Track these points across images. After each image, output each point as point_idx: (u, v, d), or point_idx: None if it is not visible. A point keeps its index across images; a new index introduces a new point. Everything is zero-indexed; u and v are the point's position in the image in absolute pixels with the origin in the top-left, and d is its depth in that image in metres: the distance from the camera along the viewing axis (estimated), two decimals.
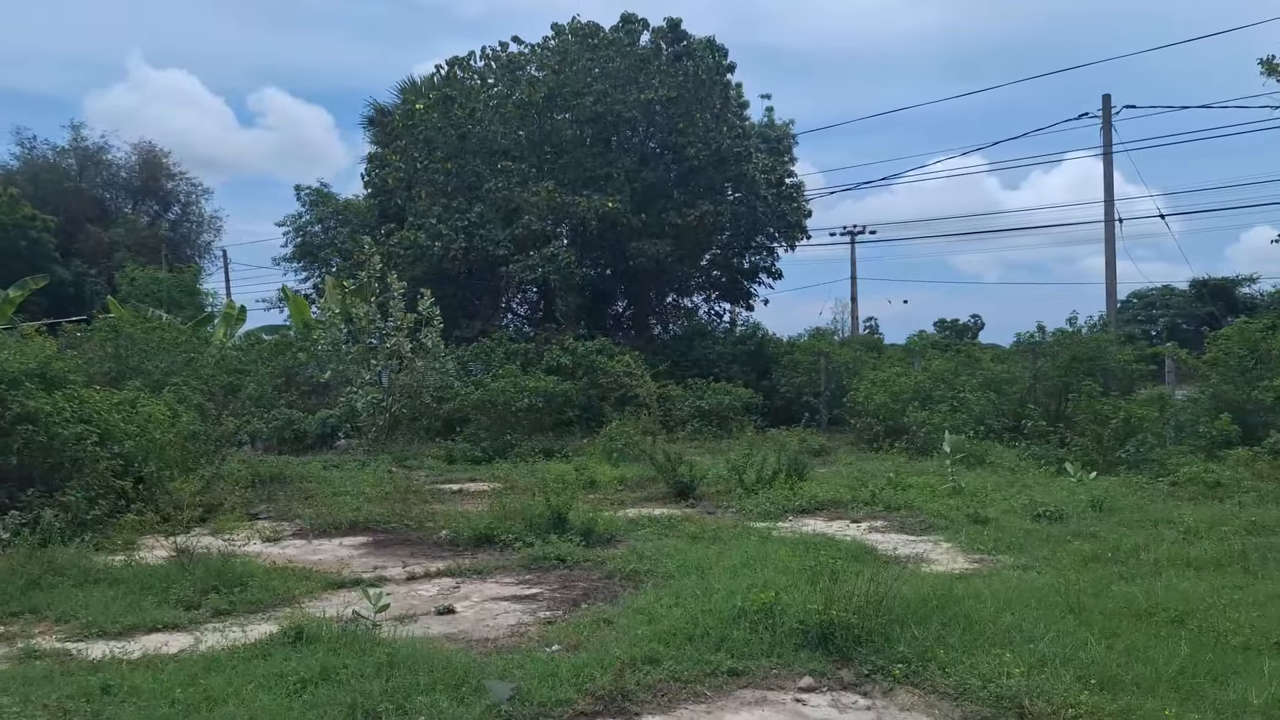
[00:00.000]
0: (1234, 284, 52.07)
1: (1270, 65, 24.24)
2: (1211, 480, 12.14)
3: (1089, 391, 16.02)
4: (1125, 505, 10.94)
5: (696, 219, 24.16)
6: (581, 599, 7.60)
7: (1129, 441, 14.37)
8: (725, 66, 25.76)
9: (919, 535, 9.94)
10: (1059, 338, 19.37)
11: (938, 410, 17.20)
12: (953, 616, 6.13)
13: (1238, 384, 16.12)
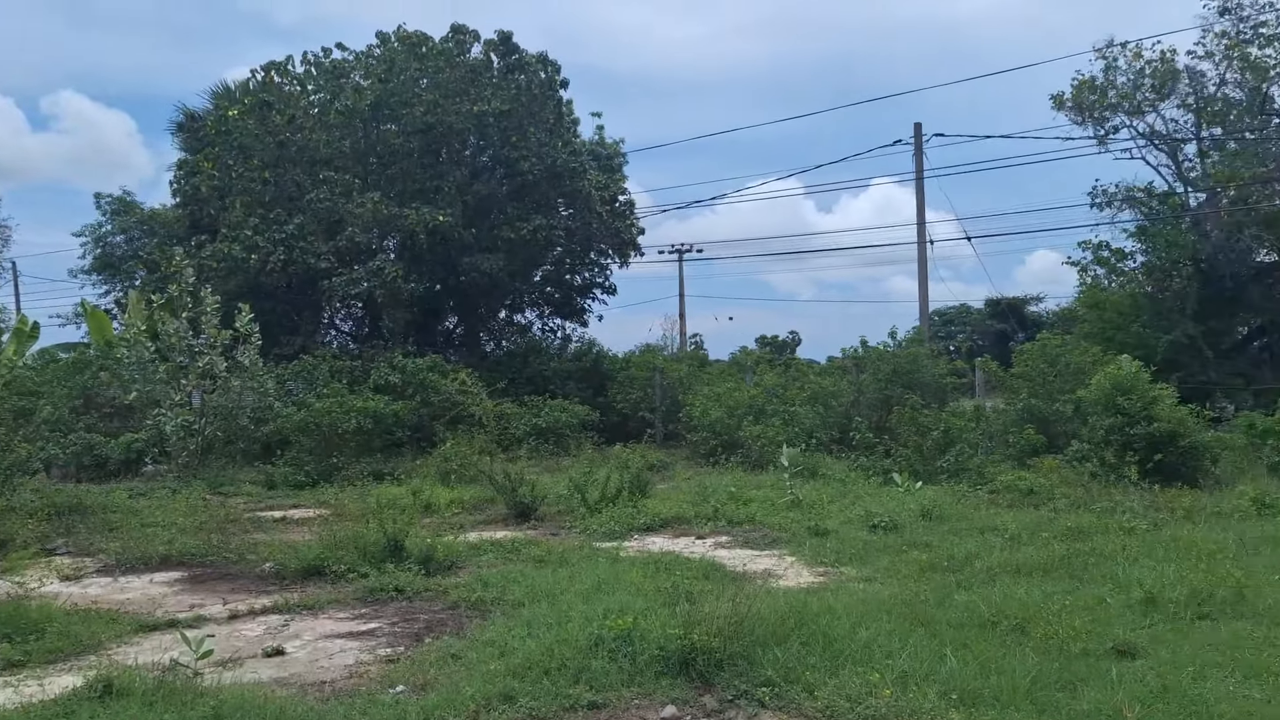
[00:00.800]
0: (1023, 303, 56.01)
1: (1060, 101, 26.26)
2: (1025, 488, 12.81)
3: (912, 404, 16.71)
4: (952, 514, 11.38)
5: (530, 234, 23.86)
6: (425, 632, 7.17)
7: (949, 451, 15.04)
8: (558, 82, 25.63)
9: (764, 550, 10.00)
10: (880, 352, 20.17)
11: (771, 424, 17.55)
12: (811, 635, 6.10)
13: (1041, 396, 17.19)
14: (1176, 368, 21.11)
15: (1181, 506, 11.36)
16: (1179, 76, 24.62)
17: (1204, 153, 25.37)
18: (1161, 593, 7.17)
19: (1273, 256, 25.17)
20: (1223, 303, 23.98)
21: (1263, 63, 23.55)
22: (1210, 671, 5.58)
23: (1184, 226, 24.38)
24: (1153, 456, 13.31)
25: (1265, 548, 9.07)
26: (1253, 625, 6.54)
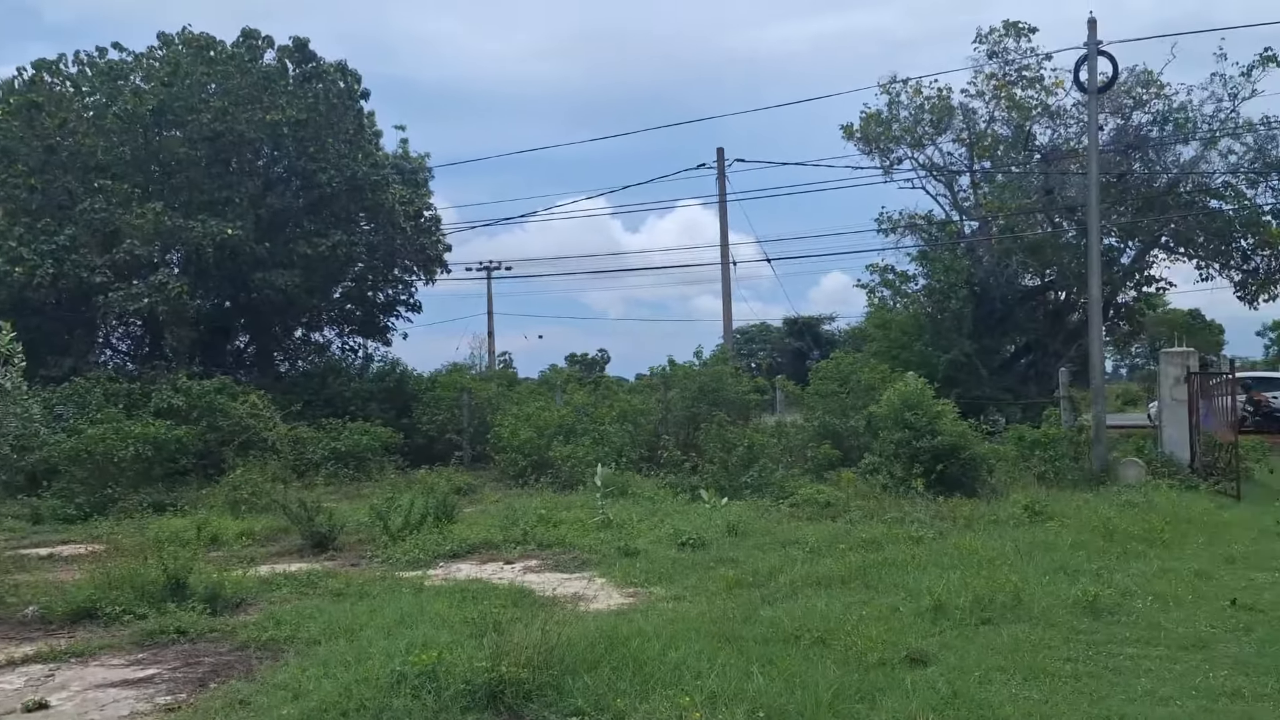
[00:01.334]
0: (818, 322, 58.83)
1: (849, 131, 27.71)
2: (823, 501, 13.33)
3: (718, 421, 17.10)
4: (757, 528, 11.68)
5: (329, 249, 22.90)
6: (210, 677, 6.63)
7: (752, 467, 15.47)
8: (359, 92, 24.80)
9: (574, 573, 9.90)
10: (686, 370, 20.57)
11: (581, 444, 17.53)
12: (622, 659, 6.04)
13: (835, 412, 18.00)
14: (955, 384, 22.62)
15: (962, 515, 12.12)
16: (954, 113, 26.48)
17: (976, 184, 27.38)
18: (948, 600, 7.56)
19: (1036, 281, 27.45)
20: (994, 323, 25.93)
21: (1026, 103, 25.67)
22: (994, 675, 5.90)
23: (960, 252, 26.20)
24: (937, 468, 14.16)
25: (1037, 553, 9.77)
26: (1029, 628, 6.99)
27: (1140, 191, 25.16)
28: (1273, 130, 24.31)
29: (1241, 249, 25.70)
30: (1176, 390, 16.88)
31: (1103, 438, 16.73)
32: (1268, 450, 19.29)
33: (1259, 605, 7.62)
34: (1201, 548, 10.29)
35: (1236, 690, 5.66)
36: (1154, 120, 24.95)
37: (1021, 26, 25.63)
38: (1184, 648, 6.53)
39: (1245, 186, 25.22)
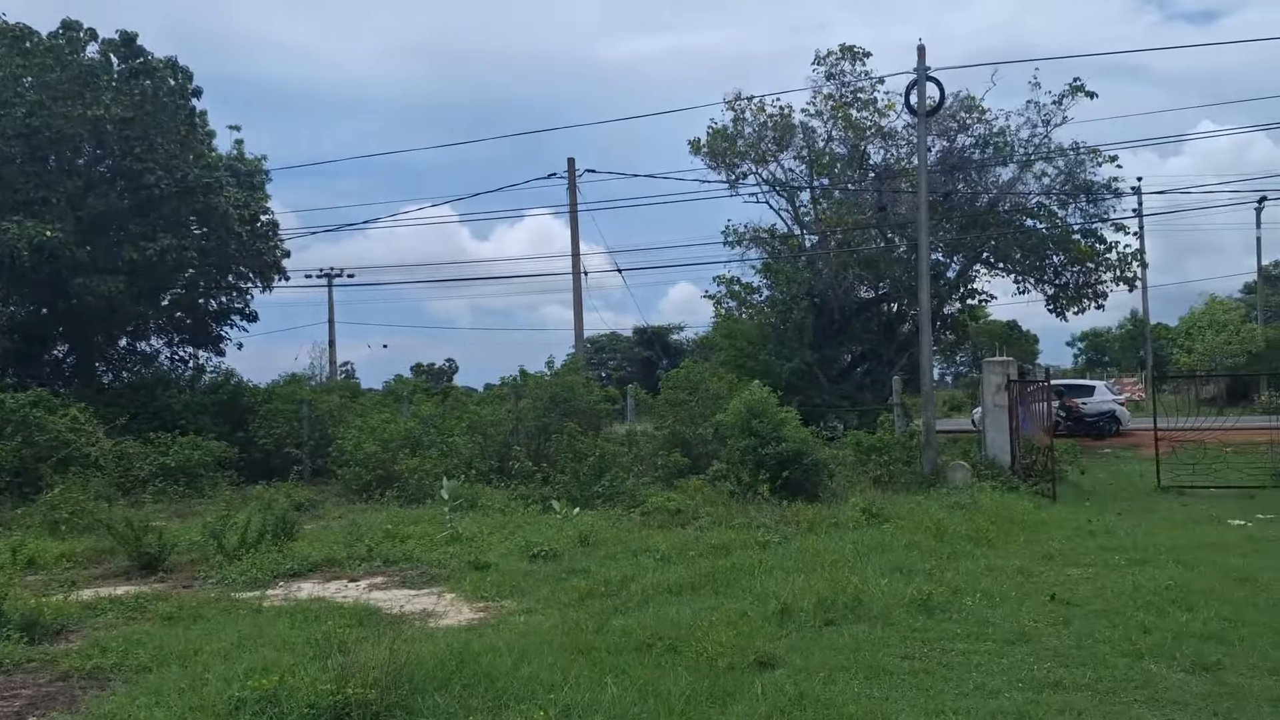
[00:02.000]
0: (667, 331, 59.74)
1: (697, 146, 28.29)
2: (674, 508, 13.50)
3: (569, 431, 17.08)
4: (608, 538, 11.71)
5: (157, 254, 21.70)
6: (28, 710, 6.16)
7: (604, 476, 15.53)
8: (190, 90, 23.63)
9: (423, 588, 9.68)
10: (538, 380, 20.46)
11: (429, 456, 17.18)
12: (474, 676, 5.96)
13: (685, 421, 18.28)
14: (797, 391, 23.38)
15: (806, 519, 12.53)
16: (795, 131, 27.44)
17: (816, 200, 28.45)
18: (794, 603, 7.80)
19: (871, 293, 28.69)
20: (833, 333, 26.96)
21: (861, 123, 26.87)
22: (838, 675, 6.12)
23: (801, 265, 27.13)
24: (781, 474, 14.58)
25: (875, 554, 10.20)
26: (869, 628, 7.28)
27: (964, 210, 26.70)
28: (1081, 155, 26.26)
29: (1054, 265, 27.60)
30: (998, 397, 17.94)
31: (933, 442, 17.61)
32: (1079, 453, 20.76)
33: (1075, 599, 8.17)
34: (1023, 546, 10.98)
35: (1058, 681, 6.04)
36: (976, 143, 26.56)
37: (857, 51, 26.82)
38: (1010, 642, 6.94)
39: (1057, 207, 27.16)
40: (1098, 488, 17.52)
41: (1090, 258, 27.00)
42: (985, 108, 26.30)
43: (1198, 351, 42.80)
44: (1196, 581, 8.73)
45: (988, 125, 26.40)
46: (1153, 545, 10.82)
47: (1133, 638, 6.91)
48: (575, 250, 27.69)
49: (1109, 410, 29.35)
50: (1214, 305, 46.71)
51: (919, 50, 18.02)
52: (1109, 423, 28.94)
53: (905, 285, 25.87)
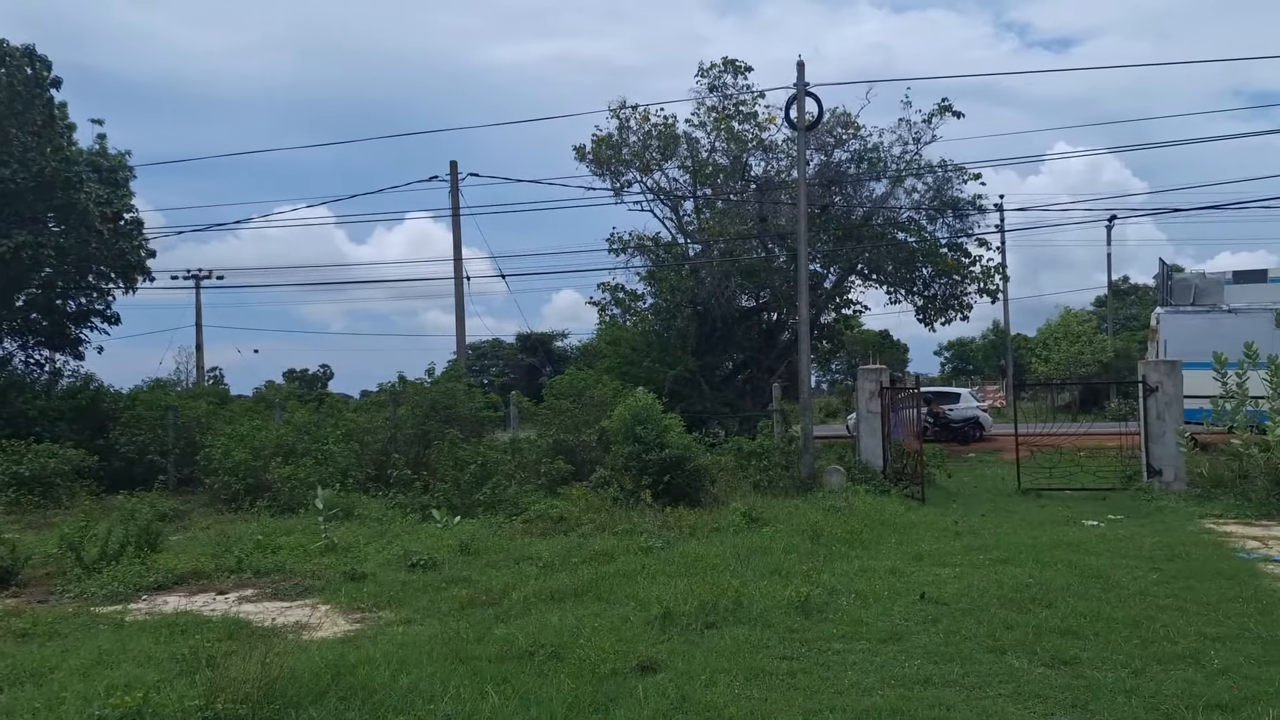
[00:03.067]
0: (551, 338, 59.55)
1: (582, 153, 28.30)
2: (557, 515, 13.47)
3: (450, 439, 16.85)
4: (490, 546, 11.60)
5: (10, 251, 20.48)
6: None
7: (486, 484, 15.37)
8: (48, 80, 22.39)
9: (296, 600, 9.38)
10: (417, 387, 20.12)
11: (303, 464, 16.69)
12: (350, 688, 5.81)
13: (569, 427, 18.27)
14: (681, 398, 23.63)
15: (688, 524, 12.67)
16: (679, 141, 27.75)
17: (699, 209, 28.81)
18: (676, 607, 7.87)
19: (753, 302, 29.23)
20: (715, 341, 27.34)
21: (743, 135, 27.37)
22: (719, 678, 6.20)
23: (685, 273, 27.44)
24: (664, 479, 14.71)
25: (755, 557, 10.38)
26: (749, 630, 7.41)
27: (841, 222, 27.45)
28: (949, 173, 27.37)
29: (923, 277, 28.65)
30: (871, 403, 18.51)
31: (810, 447, 18.06)
32: (946, 457, 21.62)
33: (943, 598, 8.48)
34: (894, 547, 11.34)
35: (928, 678, 6.25)
36: (852, 158, 27.38)
37: (739, 64, 27.31)
38: (883, 640, 7.16)
39: (926, 221, 28.20)
40: (963, 490, 18.25)
41: (956, 270, 28.13)
42: (861, 124, 27.16)
43: (1054, 361, 45.08)
44: (1055, 579, 9.17)
45: (863, 141, 27.26)
46: (1014, 545, 11.31)
47: (997, 634, 7.21)
48: (457, 255, 27.38)
49: (973, 416, 30.64)
50: (1068, 317, 49.30)
51: (798, 66, 18.48)
52: (973, 428, 30.22)
53: (785, 295, 26.44)
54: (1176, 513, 14.24)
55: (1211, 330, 21.75)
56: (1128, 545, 11.22)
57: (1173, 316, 24.69)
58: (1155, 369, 17.49)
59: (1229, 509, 14.33)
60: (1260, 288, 24.58)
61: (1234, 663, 6.42)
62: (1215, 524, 13.16)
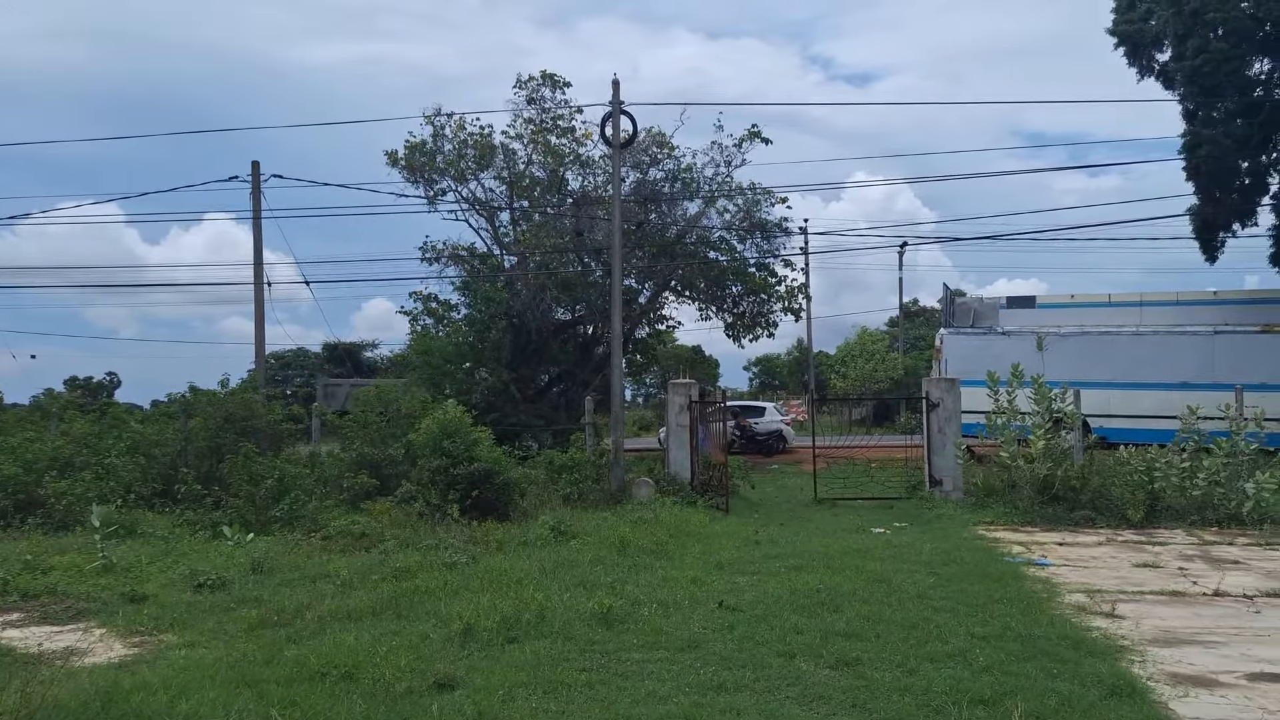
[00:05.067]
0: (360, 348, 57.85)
1: (394, 158, 27.72)
2: (358, 531, 13.06)
3: (246, 453, 16.07)
4: (285, 564, 11.13)
5: None
6: None
7: (283, 500, 14.75)
8: None
9: (67, 624, 8.71)
10: (211, 397, 19.07)
11: (81, 479, 15.50)
12: (122, 715, 5.47)
13: (374, 441, 17.76)
14: (493, 410, 23.44)
15: (495, 539, 12.58)
16: (496, 151, 27.60)
17: (515, 221, 28.74)
18: (477, 622, 7.80)
19: (568, 315, 29.38)
20: (530, 353, 27.29)
21: (560, 150, 27.53)
22: (518, 692, 6.19)
23: (500, 285, 27.27)
24: (472, 493, 14.54)
25: (561, 570, 10.43)
26: (550, 643, 7.43)
27: (655, 239, 28.05)
28: (757, 195, 28.48)
29: (732, 295, 29.66)
30: (680, 417, 18.96)
31: (621, 460, 18.30)
32: (750, 469, 22.40)
33: (741, 605, 8.78)
34: (698, 557, 11.65)
35: (722, 684, 6.46)
36: (667, 177, 28.05)
37: (557, 79, 27.49)
38: (680, 649, 7.34)
39: (736, 241, 29.24)
40: (765, 501, 18.96)
41: (763, 289, 29.27)
42: (675, 144, 27.88)
43: (851, 377, 47.57)
44: (843, 585, 9.66)
45: (677, 161, 27.97)
46: (809, 552, 11.84)
47: (787, 639, 7.54)
48: (258, 259, 26.14)
49: (777, 430, 31.87)
50: (864, 336, 52.17)
51: (614, 85, 18.79)
52: (777, 441, 31.43)
53: (601, 309, 26.72)
54: (954, 520, 15.30)
55: (987, 351, 23.51)
56: (909, 551, 11.95)
57: (954, 337, 26.55)
58: (937, 386, 18.74)
59: (999, 516, 15.52)
60: (1029, 312, 26.81)
61: (997, 659, 6.95)
62: (987, 530, 14.24)
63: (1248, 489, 14.56)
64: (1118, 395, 24.01)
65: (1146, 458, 15.58)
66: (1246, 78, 25.52)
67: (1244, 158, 26.10)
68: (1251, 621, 8.43)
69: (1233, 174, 26.43)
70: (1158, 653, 7.33)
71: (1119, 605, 8.98)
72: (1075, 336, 25.26)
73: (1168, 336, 24.94)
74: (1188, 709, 6.01)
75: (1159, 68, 27.12)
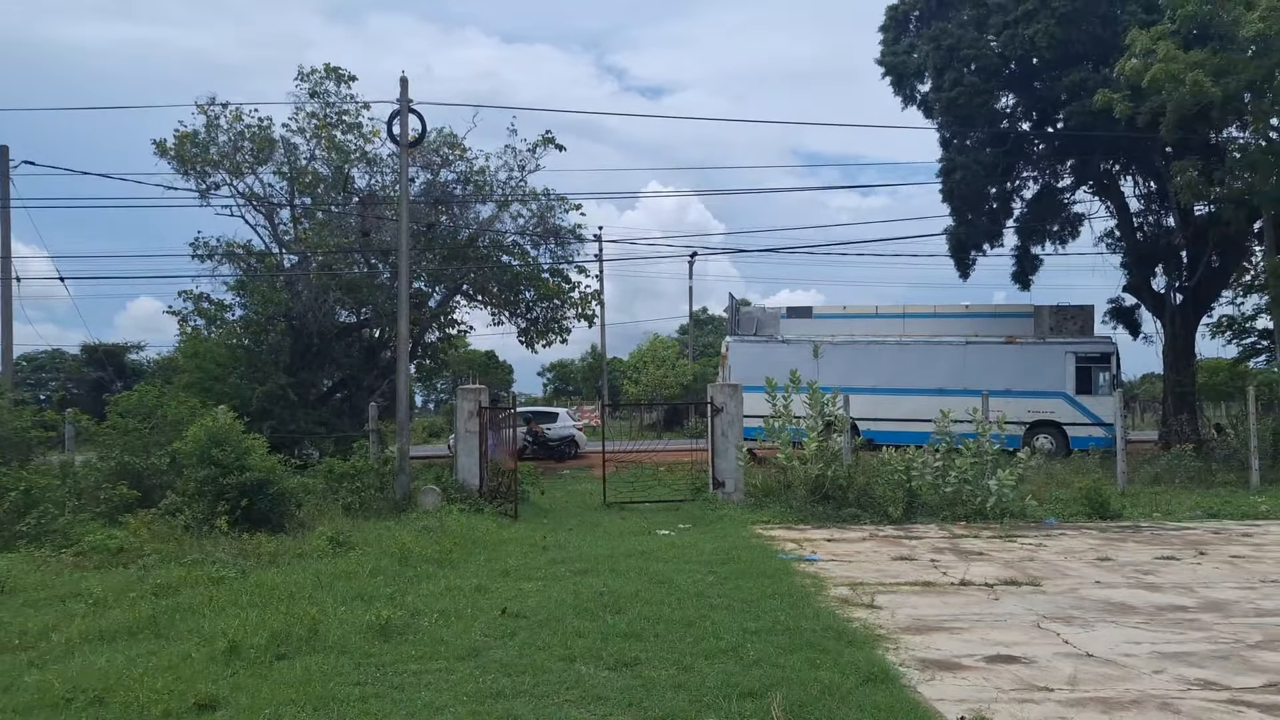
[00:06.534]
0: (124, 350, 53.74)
1: (163, 148, 25.99)
2: (115, 546, 12.15)
3: None
4: (31, 583, 10.23)
5: None
6: None
7: (30, 514, 13.53)
8: None
9: None
10: None
11: None
12: None
13: (136, 450, 16.55)
14: (270, 417, 22.35)
15: (268, 551, 12.01)
16: (276, 145, 26.32)
17: (297, 219, 27.50)
18: (244, 640, 7.43)
19: (353, 318, 28.43)
20: (311, 357, 26.19)
21: (346, 146, 26.58)
22: (285, 710, 5.94)
23: (279, 285, 26.05)
24: (243, 504, 13.81)
25: (338, 582, 10.08)
26: (323, 658, 7.17)
27: (446, 242, 27.62)
28: (551, 201, 28.59)
29: (526, 300, 29.62)
30: (470, 423, 18.74)
31: (406, 468, 17.89)
32: (540, 475, 22.45)
33: (524, 612, 8.79)
34: (483, 564, 11.56)
35: (501, 691, 6.44)
36: (459, 180, 27.69)
37: (342, 73, 26.57)
38: (460, 658, 7.26)
39: (530, 246, 29.22)
40: (555, 506, 19.04)
41: (557, 295, 29.39)
42: (467, 147, 27.54)
43: (643, 383, 48.55)
44: (626, 587, 9.85)
45: (469, 164, 27.64)
46: (595, 556, 12.00)
47: (569, 643, 7.61)
48: (5, 252, 23.84)
49: (569, 435, 32.11)
50: (656, 343, 53.38)
51: (402, 82, 18.40)
52: (569, 446, 31.66)
53: (388, 312, 26.00)
54: (734, 520, 15.92)
55: (768, 358, 24.66)
56: (691, 552, 12.33)
57: (738, 345, 27.66)
58: (721, 391, 19.44)
59: (776, 515, 16.28)
60: (807, 322, 28.31)
61: (766, 653, 7.29)
62: (764, 529, 14.90)
63: (991, 486, 15.93)
64: (884, 400, 25.73)
65: (905, 458, 16.76)
66: (995, 110, 28.03)
67: (992, 184, 28.67)
68: (991, 608, 9.24)
69: (983, 198, 28.96)
70: (910, 640, 7.91)
71: (878, 596, 9.62)
72: (847, 345, 26.89)
73: (926, 346, 26.98)
74: (932, 691, 6.51)
75: (920, 97, 29.36)
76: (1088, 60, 25.63)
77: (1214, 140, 25.15)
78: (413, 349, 27.62)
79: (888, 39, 29.64)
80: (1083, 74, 25.13)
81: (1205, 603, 9.44)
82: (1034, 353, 26.63)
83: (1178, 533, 14.49)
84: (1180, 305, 28.55)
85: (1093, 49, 25.43)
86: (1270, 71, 21.17)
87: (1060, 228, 30.73)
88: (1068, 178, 30.43)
